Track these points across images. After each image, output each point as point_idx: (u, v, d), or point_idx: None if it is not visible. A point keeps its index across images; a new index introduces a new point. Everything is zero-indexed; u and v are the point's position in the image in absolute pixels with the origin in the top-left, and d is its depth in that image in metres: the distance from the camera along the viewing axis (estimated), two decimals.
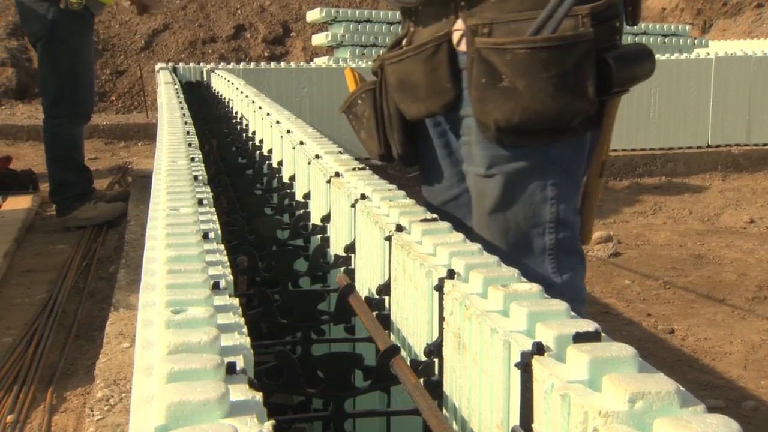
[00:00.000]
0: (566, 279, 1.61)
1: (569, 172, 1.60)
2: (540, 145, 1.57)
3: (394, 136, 1.75)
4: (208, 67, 5.15)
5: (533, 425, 0.72)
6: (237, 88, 3.50)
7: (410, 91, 1.68)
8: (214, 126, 3.20)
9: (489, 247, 1.11)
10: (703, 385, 2.81)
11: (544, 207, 1.59)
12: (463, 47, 1.60)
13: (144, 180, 5.04)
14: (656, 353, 3.05)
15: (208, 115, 3.47)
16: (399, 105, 1.72)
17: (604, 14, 1.51)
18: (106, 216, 4.38)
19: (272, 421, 0.62)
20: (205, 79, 5.26)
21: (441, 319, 0.95)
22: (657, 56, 6.63)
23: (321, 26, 7.98)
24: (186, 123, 2.31)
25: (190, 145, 1.86)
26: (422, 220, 1.18)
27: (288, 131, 2.24)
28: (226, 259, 1.03)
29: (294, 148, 2.06)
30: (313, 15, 7.75)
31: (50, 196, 4.44)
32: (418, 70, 1.66)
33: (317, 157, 1.80)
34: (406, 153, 1.78)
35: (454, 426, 0.93)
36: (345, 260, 1.47)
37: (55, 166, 4.30)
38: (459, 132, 1.68)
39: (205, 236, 1.08)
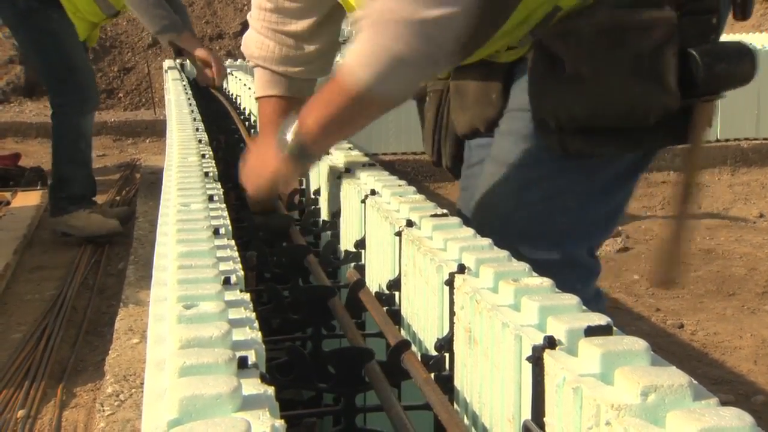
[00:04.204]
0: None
1: (607, 182, 1.40)
2: (609, 158, 1.36)
3: (446, 149, 1.63)
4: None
5: (545, 419, 0.72)
6: (245, 84, 3.50)
7: (461, 98, 1.54)
8: (223, 122, 3.20)
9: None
10: (713, 379, 2.81)
11: (557, 216, 1.39)
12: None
13: (152, 176, 5.05)
14: (665, 348, 3.04)
15: (217, 111, 3.47)
16: (451, 114, 1.57)
17: (694, 6, 1.31)
18: (95, 229, 4.05)
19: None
20: None
21: (452, 313, 0.96)
22: None
23: None
24: (195, 120, 2.31)
25: (200, 141, 1.86)
26: (432, 216, 1.18)
27: None
28: (236, 254, 1.03)
29: None
30: None
31: (49, 192, 4.23)
32: (471, 75, 1.50)
33: (327, 153, 1.80)
34: (454, 167, 1.66)
35: (466, 420, 0.93)
36: (355, 256, 1.47)
37: (59, 158, 4.08)
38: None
39: (216, 232, 1.08)
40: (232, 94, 4.00)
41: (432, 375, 0.96)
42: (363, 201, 1.40)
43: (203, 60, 3.95)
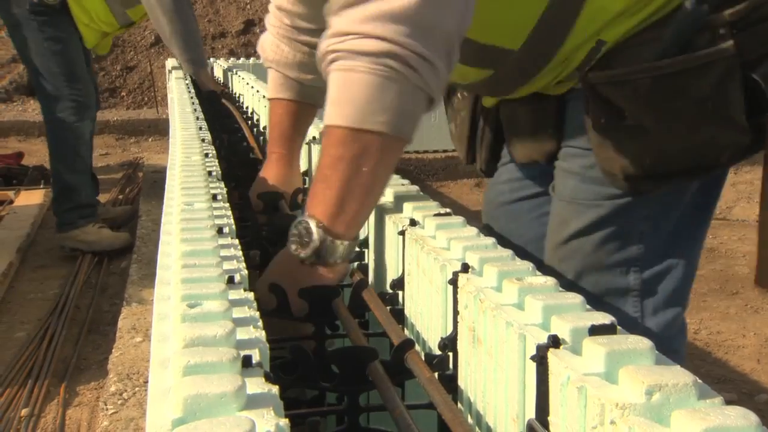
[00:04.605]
0: (651, 325, 1.37)
1: (671, 204, 1.35)
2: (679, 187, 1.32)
3: (482, 154, 1.61)
4: (224, 65, 5.08)
5: (549, 418, 0.72)
6: (247, 83, 3.50)
7: (515, 129, 1.50)
8: (225, 121, 3.21)
9: (564, 283, 0.96)
10: (716, 378, 2.80)
11: (631, 243, 1.35)
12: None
13: (155, 175, 5.05)
14: None
15: (219, 111, 3.47)
16: (508, 144, 1.55)
17: (753, 17, 1.21)
18: (106, 245, 3.92)
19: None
20: (217, 74, 5.25)
21: (455, 313, 0.95)
22: None
23: None
24: (198, 119, 2.31)
25: (203, 140, 1.86)
26: (436, 215, 1.18)
27: None
28: (240, 253, 1.03)
29: (307, 143, 2.06)
30: None
31: (53, 204, 3.98)
32: (522, 106, 1.47)
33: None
34: (489, 169, 1.64)
35: (470, 419, 0.93)
36: (358, 255, 1.47)
37: (60, 168, 3.86)
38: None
39: (220, 231, 1.08)
40: (235, 93, 4.00)
41: (436, 374, 0.96)
42: None
43: None
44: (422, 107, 1.10)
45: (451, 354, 0.98)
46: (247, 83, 3.51)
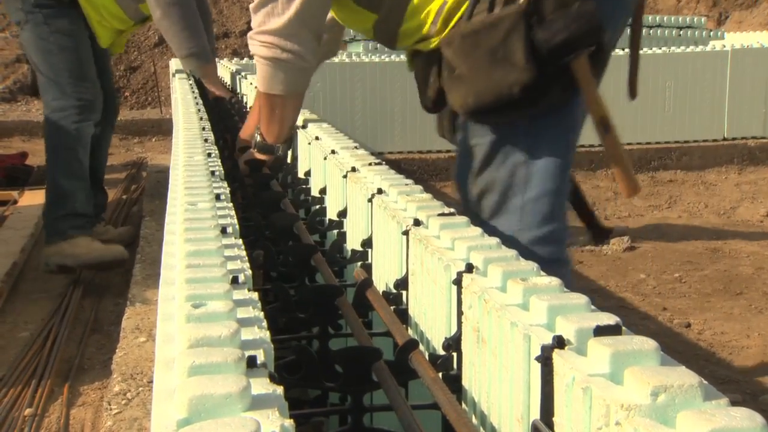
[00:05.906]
0: (535, 234, 1.67)
1: (542, 136, 1.67)
2: (510, 120, 1.66)
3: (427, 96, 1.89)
4: (232, 68, 5.06)
5: (554, 419, 0.72)
6: (251, 84, 3.50)
7: (417, 81, 1.82)
8: (229, 121, 3.21)
9: (471, 210, 1.60)
10: (720, 379, 2.80)
11: (517, 170, 1.67)
12: None
13: (158, 175, 5.06)
14: (672, 347, 3.03)
15: (223, 110, 3.47)
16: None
17: None
18: (97, 258, 3.52)
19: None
20: (220, 74, 5.24)
21: (459, 313, 0.95)
22: (672, 49, 6.61)
23: None
24: (201, 119, 2.31)
25: (206, 140, 1.86)
26: (440, 215, 1.18)
27: (303, 127, 2.25)
28: (244, 253, 1.03)
29: (309, 143, 2.06)
30: None
31: (45, 213, 3.62)
32: (419, 62, 1.78)
33: (333, 152, 1.80)
34: (430, 111, 1.92)
35: (474, 420, 0.93)
36: (362, 255, 1.47)
37: (55, 171, 3.53)
38: None
39: (223, 231, 1.08)
40: (240, 93, 4.00)
41: (440, 374, 0.96)
42: (370, 200, 1.40)
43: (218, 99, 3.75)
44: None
45: (455, 354, 0.98)
46: (251, 83, 3.51)
